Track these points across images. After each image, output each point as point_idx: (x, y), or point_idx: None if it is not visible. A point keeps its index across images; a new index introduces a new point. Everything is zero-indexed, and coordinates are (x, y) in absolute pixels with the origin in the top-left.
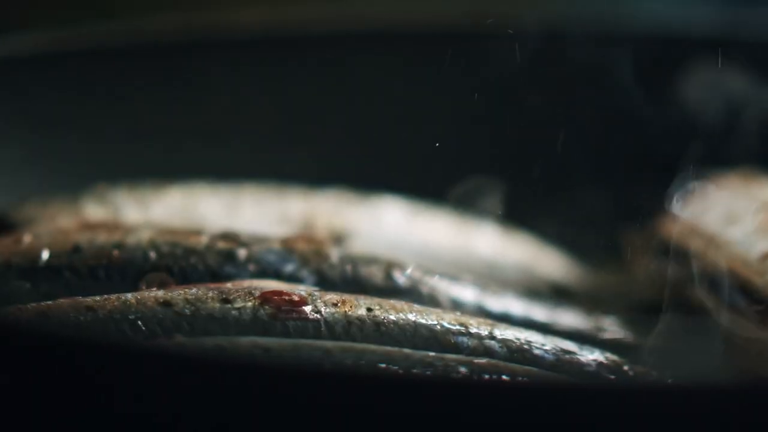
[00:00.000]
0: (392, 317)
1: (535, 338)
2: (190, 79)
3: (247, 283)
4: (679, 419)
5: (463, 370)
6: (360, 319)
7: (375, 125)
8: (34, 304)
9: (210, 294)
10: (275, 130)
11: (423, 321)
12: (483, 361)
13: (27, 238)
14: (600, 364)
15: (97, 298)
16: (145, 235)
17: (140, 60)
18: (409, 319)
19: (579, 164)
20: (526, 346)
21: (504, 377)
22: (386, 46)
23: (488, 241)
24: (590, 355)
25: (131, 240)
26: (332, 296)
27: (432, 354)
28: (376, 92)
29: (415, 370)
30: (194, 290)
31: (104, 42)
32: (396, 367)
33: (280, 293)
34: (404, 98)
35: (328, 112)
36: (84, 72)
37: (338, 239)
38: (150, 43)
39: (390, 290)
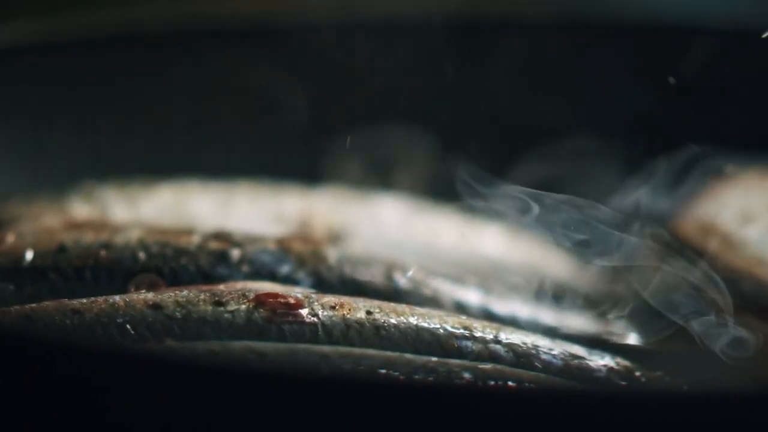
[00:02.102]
0: (393, 321)
1: (542, 342)
2: (181, 71)
3: (241, 284)
4: (695, 428)
5: (467, 375)
6: (359, 322)
7: (375, 119)
8: (17, 307)
9: (202, 296)
10: (270, 125)
11: (425, 324)
12: (488, 366)
13: (10, 238)
14: (610, 369)
15: (84, 300)
16: (133, 235)
17: (129, 51)
18: (410, 323)
19: (588, 161)
20: (533, 351)
21: (510, 383)
22: (384, 36)
23: (494, 241)
24: (600, 360)
25: (119, 240)
26: (330, 299)
27: (434, 359)
28: (375, 85)
29: (416, 376)
30: (185, 292)
31: (91, 32)
32: (397, 373)
33: (275, 296)
34: (406, 90)
35: (325, 105)
36: (70, 64)
37: (336, 239)
38: (139, 33)
39: (390, 292)
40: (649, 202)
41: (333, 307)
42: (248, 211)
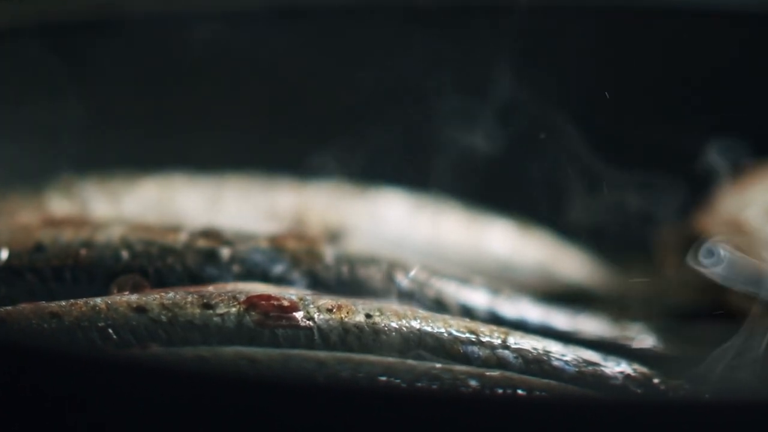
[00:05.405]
0: (394, 324)
1: (554, 348)
2: (166, 55)
3: (231, 286)
4: None
5: (473, 383)
6: (358, 326)
7: (375, 110)
8: None
9: (189, 298)
10: (263, 114)
11: (428, 328)
12: (496, 373)
13: None
14: (627, 376)
15: (63, 303)
16: (116, 232)
17: (109, 34)
18: (412, 327)
19: (603, 154)
20: (544, 357)
21: (519, 391)
22: (384, 22)
23: (502, 239)
24: (616, 367)
25: (101, 238)
26: (327, 301)
27: (438, 366)
28: (376, 70)
29: (419, 384)
30: (171, 294)
31: (68, 14)
32: (398, 381)
33: (268, 298)
34: (408, 79)
35: (322, 93)
36: (46, 48)
37: (333, 237)
38: (120, 14)
39: (391, 294)
40: (671, 196)
41: (330, 310)
42: (239, 206)
